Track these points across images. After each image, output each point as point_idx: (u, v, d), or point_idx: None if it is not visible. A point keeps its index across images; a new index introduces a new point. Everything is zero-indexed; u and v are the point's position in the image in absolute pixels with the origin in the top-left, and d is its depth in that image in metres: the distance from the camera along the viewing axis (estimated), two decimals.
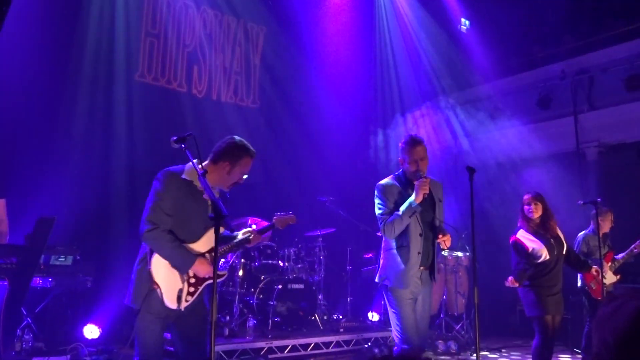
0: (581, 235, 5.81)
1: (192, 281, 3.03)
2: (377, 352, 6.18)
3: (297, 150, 9.00)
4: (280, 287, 6.49)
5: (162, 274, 2.94)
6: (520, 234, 4.67)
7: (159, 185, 3.01)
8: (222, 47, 8.63)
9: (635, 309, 1.25)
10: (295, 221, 3.69)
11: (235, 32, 8.82)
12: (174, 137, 2.91)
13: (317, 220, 7.51)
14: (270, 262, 6.95)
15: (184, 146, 2.90)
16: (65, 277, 5.57)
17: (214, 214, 2.60)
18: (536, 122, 9.03)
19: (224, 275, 5.44)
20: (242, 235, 3.37)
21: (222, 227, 3.06)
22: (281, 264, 7.02)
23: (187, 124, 7.61)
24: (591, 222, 5.78)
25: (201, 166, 2.97)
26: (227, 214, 2.61)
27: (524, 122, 8.99)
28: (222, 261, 6.67)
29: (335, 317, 7.40)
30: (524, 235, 4.64)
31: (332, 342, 6.40)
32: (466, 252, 7.80)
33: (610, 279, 5.61)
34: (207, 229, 3.11)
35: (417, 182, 3.64)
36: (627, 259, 5.75)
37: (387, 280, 3.72)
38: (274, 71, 9.13)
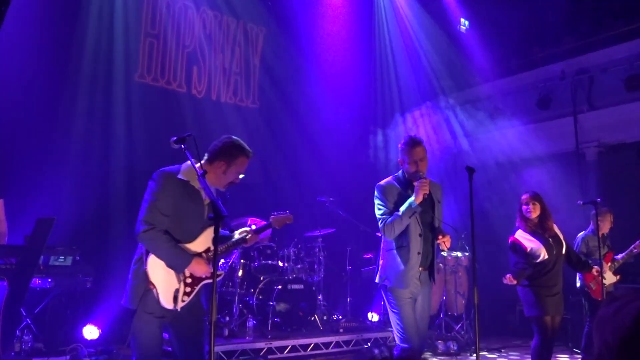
0: (580, 235, 5.81)
1: (189, 281, 3.03)
2: (376, 353, 6.17)
3: (296, 150, 9.00)
4: (279, 287, 6.49)
5: (158, 274, 2.93)
6: (518, 234, 4.67)
7: (154, 185, 3.00)
8: (222, 47, 8.63)
9: (637, 309, 1.25)
10: (292, 220, 3.69)
11: (234, 33, 8.82)
12: (174, 138, 2.91)
13: (316, 220, 7.51)
14: (269, 262, 6.95)
15: (183, 147, 2.90)
16: (64, 278, 5.57)
17: (213, 214, 2.60)
18: (536, 122, 9.03)
19: (221, 274, 5.44)
20: (239, 234, 3.37)
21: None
22: (281, 264, 7.02)
23: (187, 125, 7.61)
24: (591, 222, 5.78)
25: (199, 165, 2.97)
26: (226, 214, 2.60)
27: (524, 122, 8.99)
28: (222, 261, 6.67)
29: (334, 318, 7.39)
30: (522, 235, 4.64)
31: (332, 342, 6.40)
32: (466, 253, 7.80)
33: (610, 279, 5.60)
34: (203, 229, 3.10)
35: (417, 182, 3.66)
36: (626, 259, 5.75)
37: (387, 280, 3.72)
38: (273, 72, 9.13)
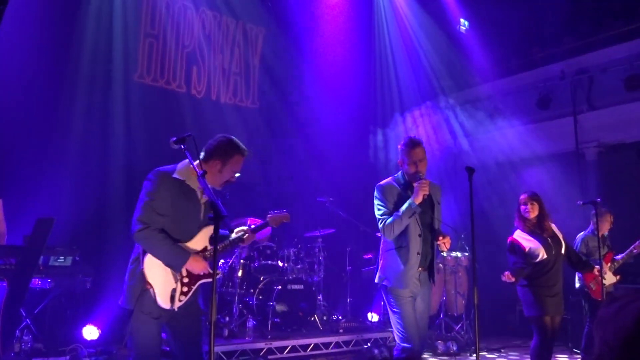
0: (580, 236, 5.81)
1: (185, 280, 3.02)
2: (376, 353, 6.17)
3: (296, 150, 9.00)
4: (279, 287, 6.48)
5: (155, 273, 2.92)
6: (516, 234, 4.67)
7: (150, 185, 2.99)
8: (221, 48, 8.63)
9: (637, 309, 1.25)
10: (289, 219, 3.68)
11: (234, 33, 8.81)
12: (174, 138, 2.91)
13: (316, 220, 7.51)
14: (269, 262, 6.95)
15: (183, 147, 2.90)
16: (64, 278, 5.56)
17: (213, 215, 2.60)
18: (536, 122, 9.03)
19: (218, 274, 5.43)
20: (236, 234, 3.36)
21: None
22: (281, 264, 7.02)
23: (186, 125, 7.61)
24: (590, 222, 5.77)
25: (199, 165, 2.97)
26: (226, 214, 2.60)
27: (524, 122, 9.00)
28: (222, 262, 6.67)
29: (334, 318, 7.39)
30: (520, 235, 4.64)
31: (332, 342, 6.40)
32: (465, 253, 7.80)
33: (610, 279, 5.60)
34: (200, 229, 3.10)
35: (417, 183, 3.68)
36: (626, 259, 5.74)
37: (387, 280, 3.73)
38: (273, 72, 9.13)
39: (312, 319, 6.79)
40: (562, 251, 4.64)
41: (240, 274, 6.64)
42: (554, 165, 8.48)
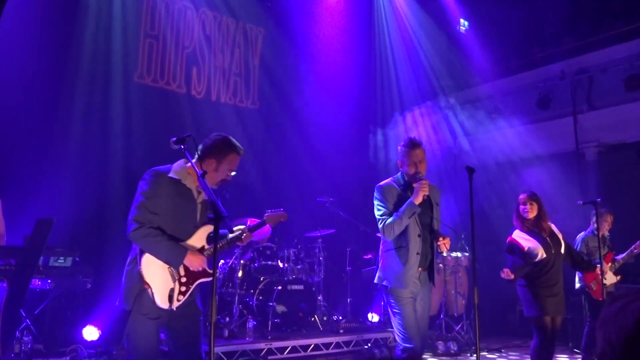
0: (580, 236, 5.81)
1: (183, 280, 3.02)
2: (376, 353, 6.17)
3: (296, 150, 8.99)
4: (279, 288, 6.48)
5: (153, 273, 2.92)
6: (515, 234, 4.67)
7: (145, 184, 2.99)
8: (221, 48, 8.63)
9: (639, 309, 1.25)
10: (286, 218, 3.68)
11: (234, 34, 8.81)
12: (174, 138, 2.91)
13: (316, 221, 7.50)
14: (269, 263, 6.94)
15: (183, 147, 2.90)
16: (64, 279, 5.57)
17: (213, 215, 2.59)
18: (536, 122, 9.03)
19: (217, 273, 5.42)
20: (234, 233, 3.35)
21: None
22: (281, 264, 7.01)
23: (186, 125, 7.60)
24: (590, 223, 5.77)
25: (198, 165, 2.97)
26: (226, 214, 2.59)
27: (524, 122, 9.00)
28: (222, 262, 6.68)
29: (335, 318, 7.38)
30: (519, 235, 4.64)
31: (332, 343, 6.40)
32: (465, 253, 7.79)
33: (610, 279, 5.60)
34: (196, 228, 3.09)
35: (417, 183, 3.69)
36: (627, 259, 5.74)
37: (387, 280, 3.73)
38: (273, 72, 9.12)
39: (313, 319, 6.79)
40: (562, 251, 4.64)
41: (240, 274, 6.63)
42: (554, 165, 8.48)
